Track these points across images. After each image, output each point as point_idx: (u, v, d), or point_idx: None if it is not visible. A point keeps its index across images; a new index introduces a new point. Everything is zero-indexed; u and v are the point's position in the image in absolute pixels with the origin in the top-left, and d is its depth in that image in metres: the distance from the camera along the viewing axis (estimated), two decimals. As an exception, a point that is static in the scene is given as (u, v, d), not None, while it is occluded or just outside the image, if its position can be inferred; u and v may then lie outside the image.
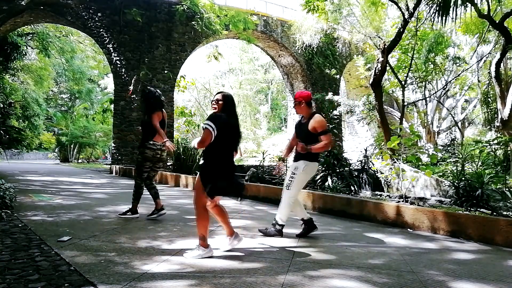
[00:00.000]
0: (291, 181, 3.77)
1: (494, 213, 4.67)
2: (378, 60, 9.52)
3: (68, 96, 36.67)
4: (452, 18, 8.18)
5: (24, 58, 20.03)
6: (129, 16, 15.54)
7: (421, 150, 10.65)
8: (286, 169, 9.80)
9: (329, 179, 7.22)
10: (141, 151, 4.52)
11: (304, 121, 3.89)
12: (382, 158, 8.32)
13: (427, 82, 16.77)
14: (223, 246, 3.16)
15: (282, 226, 3.82)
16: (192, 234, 3.77)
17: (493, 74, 10.89)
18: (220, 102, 3.06)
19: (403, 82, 13.07)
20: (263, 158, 9.27)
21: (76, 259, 2.73)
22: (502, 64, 11.94)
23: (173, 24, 17.09)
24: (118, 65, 16.22)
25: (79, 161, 30.64)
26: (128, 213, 4.56)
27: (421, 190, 6.87)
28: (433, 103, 18.65)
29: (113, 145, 16.79)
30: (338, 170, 7.29)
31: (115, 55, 16.18)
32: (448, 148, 13.88)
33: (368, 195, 6.98)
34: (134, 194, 4.59)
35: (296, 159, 3.86)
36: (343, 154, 8.31)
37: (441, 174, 7.49)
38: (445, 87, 17.64)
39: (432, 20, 8.71)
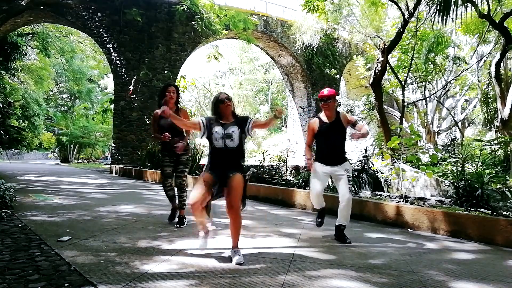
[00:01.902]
0: (351, 183, 3.70)
1: (494, 213, 4.67)
2: (378, 60, 9.51)
3: (68, 96, 36.68)
4: (452, 18, 8.17)
5: (24, 58, 20.05)
6: (129, 16, 15.55)
7: (421, 150, 10.65)
8: (286, 169, 9.82)
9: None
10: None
11: (332, 120, 3.73)
12: (382, 158, 8.33)
13: (427, 82, 16.77)
14: (197, 244, 3.08)
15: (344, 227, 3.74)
16: (192, 234, 3.77)
17: (493, 74, 10.89)
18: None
19: (403, 82, 13.07)
20: (263, 158, 9.27)
21: (76, 259, 2.73)
22: (502, 64, 11.94)
23: (173, 24, 17.09)
24: (118, 65, 16.22)
25: (79, 161, 30.65)
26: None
27: (421, 190, 6.87)
28: (433, 103, 18.65)
29: (113, 145, 16.79)
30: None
31: (115, 55, 16.19)
32: (448, 148, 13.87)
33: (368, 195, 6.98)
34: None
35: (339, 161, 3.69)
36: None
37: (441, 174, 7.49)
38: (445, 87, 17.64)
39: (432, 20, 8.72)
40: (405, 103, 13.43)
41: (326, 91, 3.76)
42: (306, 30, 19.17)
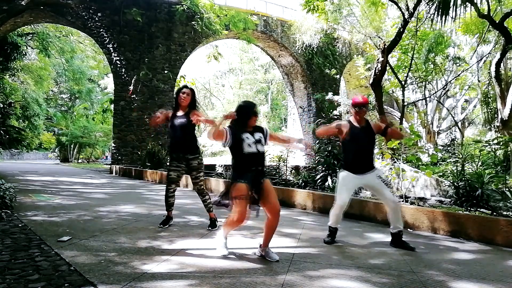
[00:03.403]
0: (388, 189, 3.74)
1: (494, 213, 4.67)
2: (378, 60, 9.50)
3: (68, 96, 36.66)
4: (452, 18, 8.17)
5: (24, 58, 20.04)
6: (129, 16, 15.54)
7: (421, 150, 10.65)
8: (286, 169, 9.81)
9: (329, 179, 7.22)
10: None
11: (362, 126, 3.66)
12: (382, 158, 8.32)
13: (427, 82, 16.76)
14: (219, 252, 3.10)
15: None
16: (192, 234, 3.78)
17: (493, 74, 10.89)
18: None
19: (403, 82, 13.06)
20: (263, 158, 9.23)
21: (76, 259, 2.73)
22: (502, 64, 11.94)
23: (173, 24, 17.09)
24: (118, 65, 16.22)
25: (79, 161, 30.64)
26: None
27: (421, 190, 6.86)
28: (433, 103, 18.66)
29: (113, 145, 16.79)
30: (338, 170, 7.28)
31: (115, 55, 16.18)
32: (448, 148, 13.86)
33: (368, 195, 6.98)
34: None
35: (369, 168, 3.58)
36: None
37: (441, 174, 7.49)
38: (445, 87, 17.64)
39: (432, 20, 8.71)
40: (405, 103, 13.42)
41: (363, 98, 3.66)
42: (306, 30, 19.16)
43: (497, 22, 9.78)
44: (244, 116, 3.02)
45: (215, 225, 4.07)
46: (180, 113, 4.10)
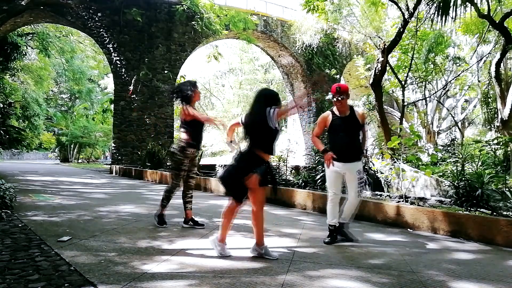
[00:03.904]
0: (361, 185, 3.67)
1: (494, 213, 4.67)
2: (378, 60, 9.50)
3: (68, 96, 36.66)
4: (452, 18, 8.17)
5: (24, 58, 20.04)
6: (129, 16, 15.54)
7: (421, 150, 10.65)
8: (286, 169, 9.81)
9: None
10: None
11: (347, 115, 3.62)
12: (382, 158, 8.32)
13: (427, 82, 16.77)
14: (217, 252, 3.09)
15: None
16: (192, 234, 3.78)
17: (493, 74, 10.89)
18: None
19: (403, 82, 13.07)
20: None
21: (76, 259, 2.73)
22: (502, 64, 11.95)
23: (173, 24, 17.09)
24: (118, 65, 16.22)
25: (79, 161, 30.64)
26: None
27: (421, 190, 6.86)
28: (433, 103, 18.66)
29: (113, 145, 16.79)
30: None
31: (115, 55, 16.18)
32: (448, 148, 13.85)
33: (368, 195, 6.98)
34: None
35: (353, 158, 3.56)
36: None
37: (441, 174, 7.48)
38: (445, 87, 17.65)
39: (432, 20, 8.70)
40: (405, 103, 13.43)
41: (342, 86, 3.62)
42: (306, 30, 19.15)
43: (497, 22, 9.78)
44: (273, 101, 3.03)
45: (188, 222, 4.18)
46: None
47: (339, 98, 3.56)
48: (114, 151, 16.40)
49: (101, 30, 16.02)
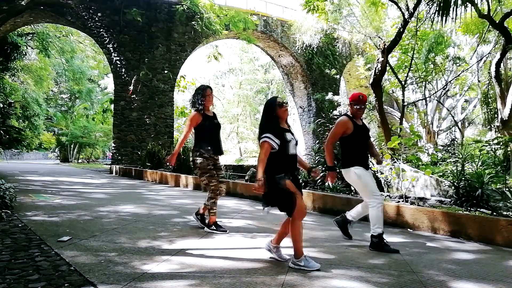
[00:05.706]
0: None
1: (494, 213, 4.67)
2: (378, 60, 9.51)
3: (68, 96, 36.66)
4: (452, 18, 8.17)
5: (24, 58, 20.05)
6: (129, 16, 15.54)
7: (421, 150, 10.65)
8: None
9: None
10: None
11: (362, 123, 3.67)
12: (382, 158, 8.32)
13: (427, 82, 16.78)
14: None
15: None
16: (192, 234, 3.78)
17: (493, 74, 10.89)
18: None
19: (403, 82, 13.08)
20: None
21: (76, 259, 2.73)
22: (502, 64, 11.94)
23: (173, 24, 17.09)
24: (118, 65, 16.22)
25: (79, 161, 30.65)
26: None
27: (421, 190, 6.86)
28: (433, 103, 18.66)
29: (113, 145, 16.79)
30: (338, 170, 7.27)
31: (115, 55, 16.19)
32: (448, 148, 13.87)
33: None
34: None
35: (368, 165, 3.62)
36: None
37: (441, 174, 7.48)
38: (445, 87, 17.66)
39: (432, 20, 8.70)
40: (405, 103, 13.44)
41: (363, 95, 3.58)
42: (306, 30, 19.15)
43: (497, 22, 9.78)
44: (271, 112, 2.89)
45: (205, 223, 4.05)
46: (209, 113, 4.10)
47: (362, 107, 3.58)
48: (114, 151, 16.40)
49: (101, 30, 16.03)
